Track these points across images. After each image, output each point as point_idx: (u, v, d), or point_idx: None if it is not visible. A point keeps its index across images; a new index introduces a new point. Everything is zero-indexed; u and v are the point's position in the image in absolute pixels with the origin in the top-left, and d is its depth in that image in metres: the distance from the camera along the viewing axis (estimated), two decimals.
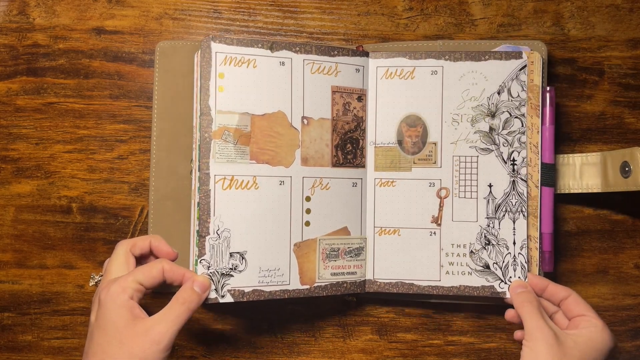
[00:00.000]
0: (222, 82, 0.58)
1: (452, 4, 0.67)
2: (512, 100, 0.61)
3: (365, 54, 0.63)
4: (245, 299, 0.58)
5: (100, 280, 0.55)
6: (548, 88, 0.62)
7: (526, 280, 0.59)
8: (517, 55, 0.61)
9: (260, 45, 0.60)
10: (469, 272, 0.61)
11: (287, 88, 0.60)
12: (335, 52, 0.62)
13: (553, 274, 0.64)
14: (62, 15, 0.66)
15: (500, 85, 0.61)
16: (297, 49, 0.61)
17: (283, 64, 0.60)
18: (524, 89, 0.61)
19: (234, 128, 0.58)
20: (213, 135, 0.58)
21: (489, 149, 0.61)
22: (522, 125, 0.61)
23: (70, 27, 0.66)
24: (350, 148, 0.62)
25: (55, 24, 0.66)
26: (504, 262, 0.61)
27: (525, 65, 0.61)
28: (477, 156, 0.62)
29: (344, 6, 0.67)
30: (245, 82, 0.59)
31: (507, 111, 0.61)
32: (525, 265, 0.60)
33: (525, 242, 0.60)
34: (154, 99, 0.64)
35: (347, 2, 0.67)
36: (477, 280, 0.61)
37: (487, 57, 0.62)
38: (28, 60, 0.66)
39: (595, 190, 0.63)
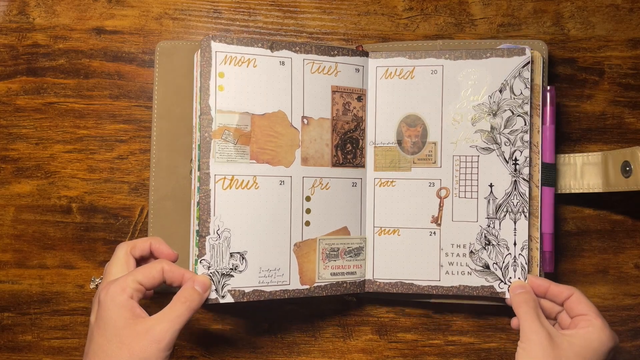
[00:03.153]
0: (222, 81, 0.58)
1: (452, 4, 0.67)
2: (514, 99, 0.60)
3: (365, 54, 0.63)
4: (245, 299, 0.58)
5: (100, 282, 0.55)
6: (548, 87, 0.62)
7: (526, 281, 0.59)
8: (520, 52, 0.60)
9: (260, 44, 0.60)
10: (468, 272, 0.61)
11: (287, 88, 0.60)
12: (335, 52, 0.62)
13: (553, 274, 0.64)
14: (62, 15, 0.66)
15: (502, 83, 0.60)
16: (297, 48, 0.61)
17: (283, 63, 0.60)
18: (527, 86, 0.60)
19: (234, 127, 0.58)
20: (213, 134, 0.58)
21: (490, 148, 0.61)
22: (525, 124, 0.60)
23: (70, 27, 0.66)
24: (350, 148, 0.62)
25: (55, 24, 0.66)
26: (504, 262, 0.60)
27: (529, 62, 0.60)
28: (478, 156, 0.61)
29: (344, 6, 0.67)
30: (245, 81, 0.59)
31: (510, 109, 0.60)
32: (526, 266, 0.60)
33: (527, 243, 0.60)
34: (154, 99, 0.64)
35: (347, 2, 0.67)
36: (476, 280, 0.61)
37: (488, 54, 0.61)
38: (28, 60, 0.66)
39: (596, 190, 0.63)
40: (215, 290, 0.57)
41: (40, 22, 0.66)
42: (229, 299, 0.57)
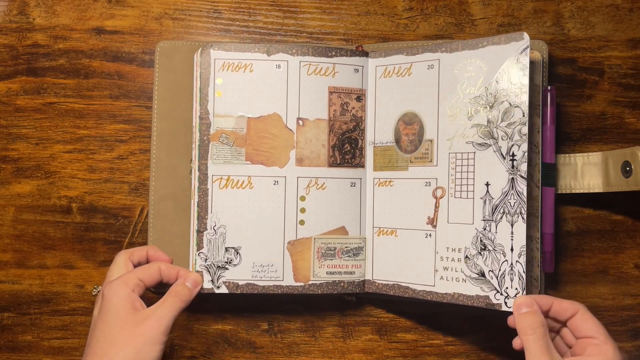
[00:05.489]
0: (220, 87, 0.61)
1: (452, 4, 0.67)
2: (512, 87, 0.56)
3: (365, 54, 0.63)
4: (239, 291, 0.61)
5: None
6: (549, 87, 0.61)
7: (523, 292, 0.55)
8: (518, 37, 0.56)
9: (257, 49, 0.61)
10: (463, 279, 0.58)
11: (282, 90, 0.61)
12: (333, 53, 0.62)
13: (553, 275, 0.64)
14: (62, 15, 0.66)
15: (499, 72, 0.57)
16: (294, 51, 0.61)
17: (279, 66, 0.61)
18: (525, 73, 0.56)
19: (231, 131, 0.61)
20: (211, 138, 0.61)
21: (486, 143, 0.58)
22: (523, 115, 0.56)
23: (70, 27, 0.66)
24: (349, 148, 0.62)
25: (55, 24, 0.66)
26: (500, 270, 0.56)
27: (527, 47, 0.56)
28: (474, 152, 0.58)
29: (344, 6, 0.67)
30: (241, 86, 0.61)
31: (507, 100, 0.57)
32: (524, 275, 0.55)
33: (524, 249, 0.55)
34: (154, 99, 0.64)
35: (347, 2, 0.67)
36: (471, 289, 0.58)
37: (485, 43, 0.58)
38: (28, 60, 0.66)
39: (596, 190, 0.63)
40: (211, 281, 0.60)
41: (40, 22, 0.66)
42: (223, 290, 0.61)
